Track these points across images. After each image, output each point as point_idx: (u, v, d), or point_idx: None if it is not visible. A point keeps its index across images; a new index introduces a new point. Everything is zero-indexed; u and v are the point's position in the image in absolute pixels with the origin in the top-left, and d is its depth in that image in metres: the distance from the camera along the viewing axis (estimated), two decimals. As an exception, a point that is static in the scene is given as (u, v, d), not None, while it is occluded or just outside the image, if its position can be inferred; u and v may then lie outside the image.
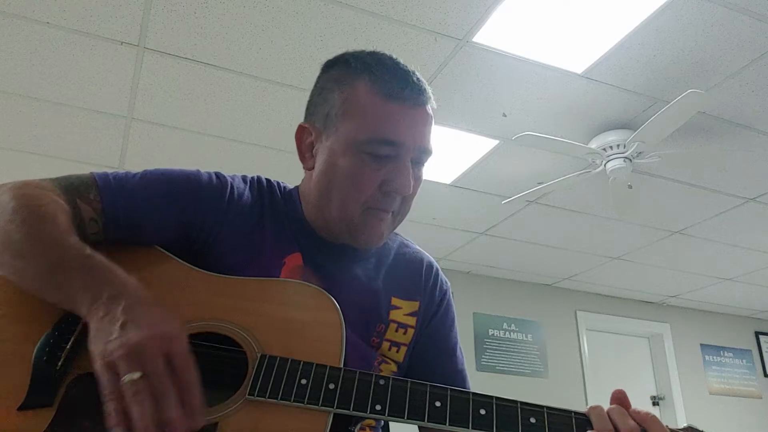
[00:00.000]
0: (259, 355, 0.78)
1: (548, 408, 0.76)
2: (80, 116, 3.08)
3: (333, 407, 0.74)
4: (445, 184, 3.74)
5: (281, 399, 0.74)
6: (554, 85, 2.84)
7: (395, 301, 1.00)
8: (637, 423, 0.74)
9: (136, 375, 0.66)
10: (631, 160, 3.12)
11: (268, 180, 1.05)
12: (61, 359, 0.76)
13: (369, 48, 1.04)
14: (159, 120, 3.13)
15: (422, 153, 0.95)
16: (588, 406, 0.77)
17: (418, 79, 0.95)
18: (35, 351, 0.76)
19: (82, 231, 0.86)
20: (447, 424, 0.75)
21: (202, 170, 0.99)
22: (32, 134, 3.23)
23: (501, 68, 2.74)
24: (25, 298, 0.81)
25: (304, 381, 0.76)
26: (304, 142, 0.99)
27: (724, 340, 5.88)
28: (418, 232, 4.38)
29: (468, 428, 0.75)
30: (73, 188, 0.89)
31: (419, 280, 1.05)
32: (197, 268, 0.90)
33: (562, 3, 2.38)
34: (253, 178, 1.04)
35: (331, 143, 0.94)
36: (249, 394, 0.75)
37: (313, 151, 0.98)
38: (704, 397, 5.46)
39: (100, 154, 3.43)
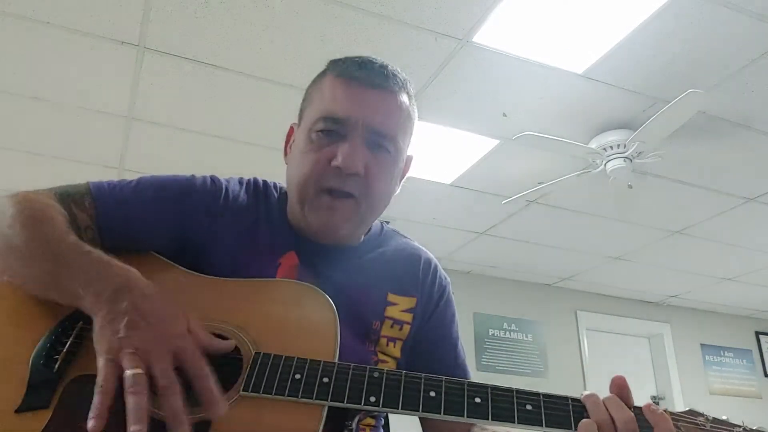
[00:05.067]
0: (253, 353, 0.79)
1: (544, 395, 0.76)
2: (80, 116, 3.08)
3: (327, 400, 0.74)
4: (445, 184, 3.74)
5: (275, 394, 0.74)
6: (554, 85, 2.84)
7: (391, 297, 0.99)
8: (648, 419, 0.74)
9: (139, 370, 0.67)
10: (631, 160, 3.12)
11: (264, 181, 1.05)
12: (58, 362, 0.77)
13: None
14: (159, 120, 3.13)
15: (374, 134, 0.92)
16: (584, 393, 0.76)
17: (382, 66, 0.95)
18: (32, 355, 0.77)
19: (79, 237, 0.87)
20: (442, 413, 0.74)
21: (197, 174, 1.00)
22: (32, 134, 3.23)
23: (501, 68, 2.74)
24: (21, 304, 0.82)
25: (298, 376, 0.76)
26: (289, 141, 1.03)
27: (724, 340, 5.87)
28: (418, 232, 4.39)
29: (463, 417, 0.74)
30: (68, 196, 0.90)
31: (416, 275, 1.04)
32: (192, 272, 0.90)
33: (562, 3, 2.38)
34: (249, 180, 1.04)
35: (298, 134, 0.98)
36: (243, 390, 0.75)
37: (290, 145, 1.02)
38: (704, 397, 5.46)
39: (100, 154, 3.43)
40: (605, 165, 3.16)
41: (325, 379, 0.75)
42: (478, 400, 0.75)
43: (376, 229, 1.07)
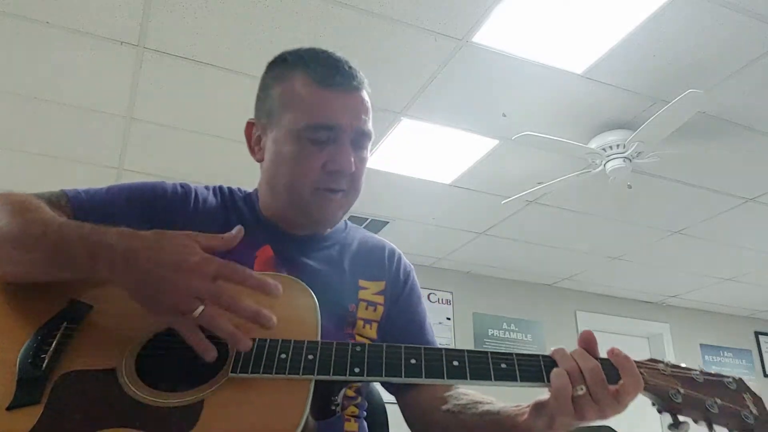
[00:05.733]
0: None
1: (517, 354, 0.81)
2: (80, 116, 3.08)
3: (314, 375, 0.77)
4: (445, 184, 3.74)
5: (263, 372, 0.77)
6: (554, 85, 2.84)
7: (362, 282, 1.06)
8: (611, 362, 0.81)
9: (200, 309, 0.74)
10: (630, 160, 3.12)
11: (228, 187, 1.12)
12: (46, 360, 0.78)
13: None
14: (159, 120, 3.13)
15: (360, 135, 1.00)
16: (553, 349, 0.82)
17: (350, 67, 1.02)
18: (19, 356, 0.78)
19: None
20: (423, 377, 0.78)
21: (168, 182, 1.06)
22: (32, 134, 3.23)
23: (501, 68, 2.74)
24: (4, 310, 0.84)
25: (283, 356, 0.78)
26: (253, 137, 1.07)
27: (723, 340, 5.87)
28: (417, 232, 4.39)
29: (443, 379, 0.78)
30: (45, 198, 0.94)
31: (383, 262, 1.12)
32: None
33: (562, 3, 2.38)
34: (214, 186, 1.11)
35: (275, 134, 1.01)
36: (232, 372, 0.77)
37: (261, 143, 1.05)
38: (704, 397, 5.45)
39: (100, 154, 3.43)
40: (605, 165, 3.17)
41: (310, 356, 0.78)
42: (456, 363, 0.79)
43: (341, 224, 1.13)
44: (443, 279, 4.95)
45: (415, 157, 3.48)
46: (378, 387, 1.15)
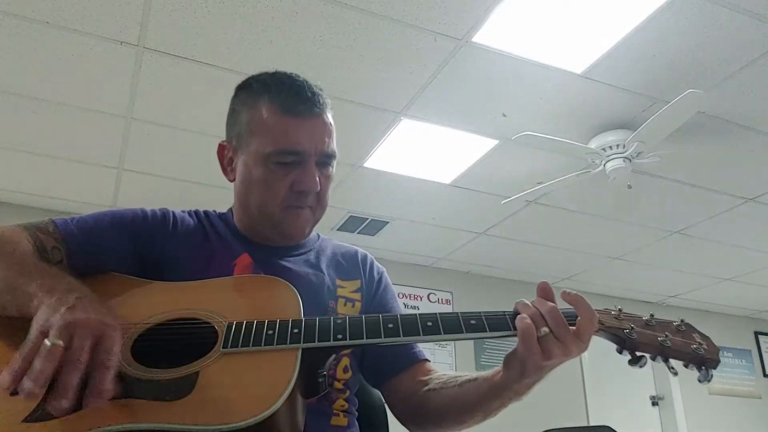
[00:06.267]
0: (226, 324, 0.87)
1: (485, 312, 0.90)
2: (80, 116, 3.08)
3: (300, 343, 0.83)
4: (445, 184, 3.74)
5: (252, 346, 0.83)
6: (554, 85, 2.84)
7: (339, 282, 1.14)
8: (569, 303, 0.89)
9: (60, 342, 0.71)
10: (630, 160, 3.12)
11: (205, 210, 1.20)
12: None
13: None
14: (159, 120, 3.13)
15: (324, 156, 1.07)
16: (515, 302, 0.90)
17: (312, 92, 1.07)
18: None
19: (45, 260, 0.95)
20: (401, 336, 0.86)
21: (146, 207, 1.13)
22: (32, 134, 3.23)
23: (501, 68, 2.74)
24: (16, 328, 0.85)
25: (270, 332, 0.85)
26: (225, 158, 1.13)
27: (723, 340, 5.86)
28: (417, 232, 4.39)
29: (420, 336, 0.86)
30: (32, 225, 1.00)
31: (356, 264, 1.20)
32: (156, 281, 1.00)
33: (562, 3, 2.38)
34: (191, 210, 1.18)
35: (245, 158, 1.08)
36: (223, 348, 0.83)
37: (233, 165, 1.12)
38: (704, 397, 5.45)
39: (99, 154, 3.43)
40: (605, 165, 3.17)
41: (296, 330, 0.85)
42: (429, 323, 0.87)
43: (313, 235, 1.21)
44: (443, 279, 4.95)
45: (414, 157, 3.48)
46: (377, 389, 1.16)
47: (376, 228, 4.31)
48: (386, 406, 1.18)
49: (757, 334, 6.07)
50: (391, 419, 1.17)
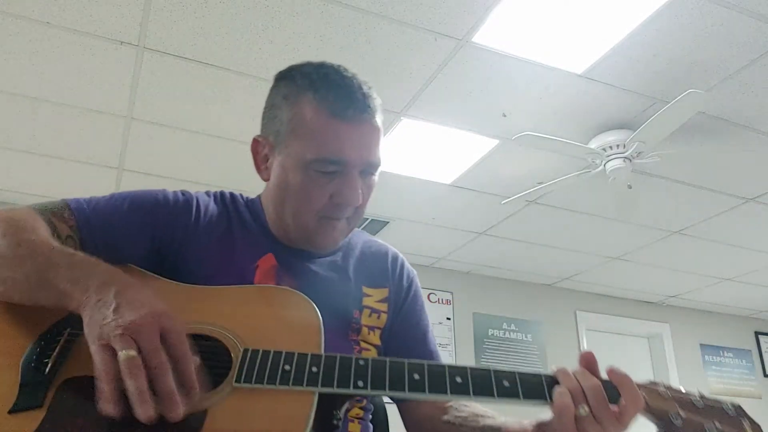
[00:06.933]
0: (242, 349, 0.80)
1: (519, 372, 0.81)
2: (80, 116, 3.08)
3: (317, 387, 0.77)
4: (445, 184, 3.74)
5: (267, 383, 0.76)
6: (554, 85, 2.84)
7: (366, 290, 1.06)
8: (611, 382, 0.80)
9: (132, 352, 0.68)
10: (630, 160, 3.12)
11: (231, 193, 1.11)
12: (49, 364, 0.77)
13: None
14: (159, 120, 3.13)
15: (369, 166, 0.99)
16: (554, 367, 0.81)
17: (363, 94, 0.97)
18: (22, 360, 0.78)
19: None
20: (426, 392, 0.78)
21: (169, 190, 1.04)
22: (32, 134, 3.23)
23: (501, 68, 2.74)
24: (7, 315, 0.83)
25: (287, 367, 0.78)
26: (260, 155, 1.04)
27: (723, 340, 5.87)
28: (417, 232, 4.39)
29: (447, 395, 0.78)
30: (47, 209, 0.93)
31: (386, 269, 1.12)
32: (172, 281, 0.93)
33: (562, 3, 2.38)
34: (216, 192, 1.09)
35: (282, 159, 0.99)
36: (236, 382, 0.77)
37: (268, 163, 1.03)
38: (704, 397, 5.45)
39: (100, 154, 3.43)
40: (605, 165, 3.17)
41: (314, 369, 0.78)
42: (459, 379, 0.79)
43: None
44: (443, 279, 4.95)
45: (415, 157, 3.48)
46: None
47: (376, 228, 4.31)
48: (386, 406, 1.18)
49: (757, 334, 6.07)
50: (392, 419, 1.17)
